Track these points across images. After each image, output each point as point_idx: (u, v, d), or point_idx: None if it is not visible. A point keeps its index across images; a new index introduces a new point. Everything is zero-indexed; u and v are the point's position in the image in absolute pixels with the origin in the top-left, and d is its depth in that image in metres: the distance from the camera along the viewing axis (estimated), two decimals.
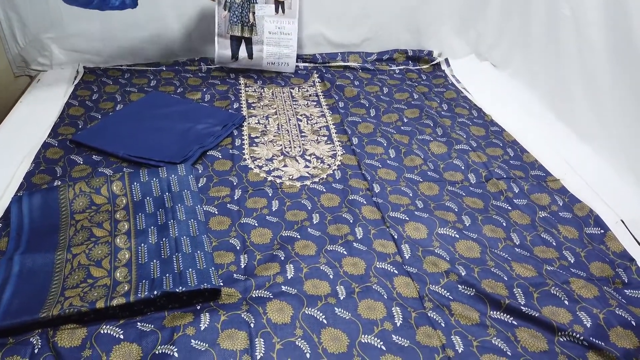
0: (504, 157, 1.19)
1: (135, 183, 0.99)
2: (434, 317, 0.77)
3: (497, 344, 0.73)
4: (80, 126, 1.23)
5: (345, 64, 1.64)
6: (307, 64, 1.63)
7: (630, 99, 1.12)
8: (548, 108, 1.39)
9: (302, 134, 1.27)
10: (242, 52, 1.53)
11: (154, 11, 1.52)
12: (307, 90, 1.50)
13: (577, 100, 1.29)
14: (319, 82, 1.54)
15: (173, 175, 1.01)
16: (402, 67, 1.65)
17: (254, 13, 1.49)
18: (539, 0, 1.44)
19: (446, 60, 1.68)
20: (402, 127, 1.30)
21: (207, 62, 1.60)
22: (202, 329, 0.73)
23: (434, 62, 1.68)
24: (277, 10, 1.50)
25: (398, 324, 0.76)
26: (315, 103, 1.42)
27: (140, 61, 1.59)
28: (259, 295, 0.79)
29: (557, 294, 0.81)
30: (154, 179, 1.01)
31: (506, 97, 1.49)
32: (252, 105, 1.39)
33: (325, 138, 1.25)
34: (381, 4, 1.62)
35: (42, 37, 1.51)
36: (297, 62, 1.62)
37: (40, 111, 1.29)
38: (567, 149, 1.23)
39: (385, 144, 1.22)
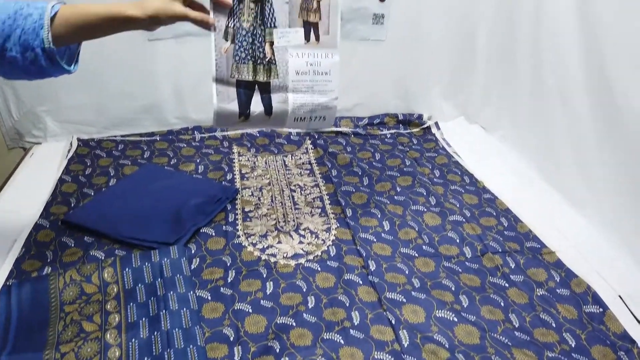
0: (498, 227, 1.20)
1: (127, 269, 0.98)
2: None
3: None
4: (72, 204, 1.22)
5: (338, 129, 1.66)
6: (299, 130, 1.65)
7: (617, 167, 1.13)
8: (538, 173, 1.41)
9: (296, 206, 1.27)
10: (255, 105, 0.97)
11: (148, 80, 1.55)
12: (300, 158, 1.51)
13: (566, 166, 1.31)
14: (311, 148, 1.56)
15: (165, 259, 1.00)
16: (393, 132, 1.68)
17: (271, 43, 0.95)
18: (523, 67, 1.48)
19: (436, 123, 1.71)
20: (395, 197, 1.30)
21: (200, 130, 1.61)
22: None
23: (424, 126, 1.70)
24: (307, 38, 0.97)
25: None
26: (308, 172, 1.43)
27: (134, 131, 1.59)
28: None
29: None
30: (146, 263, 0.99)
31: (497, 162, 1.51)
32: (246, 175, 1.40)
33: (319, 210, 1.25)
34: (370, 74, 1.65)
35: (36, 109, 1.52)
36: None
37: (32, 189, 1.28)
38: (559, 217, 1.24)
39: (379, 215, 1.22)
